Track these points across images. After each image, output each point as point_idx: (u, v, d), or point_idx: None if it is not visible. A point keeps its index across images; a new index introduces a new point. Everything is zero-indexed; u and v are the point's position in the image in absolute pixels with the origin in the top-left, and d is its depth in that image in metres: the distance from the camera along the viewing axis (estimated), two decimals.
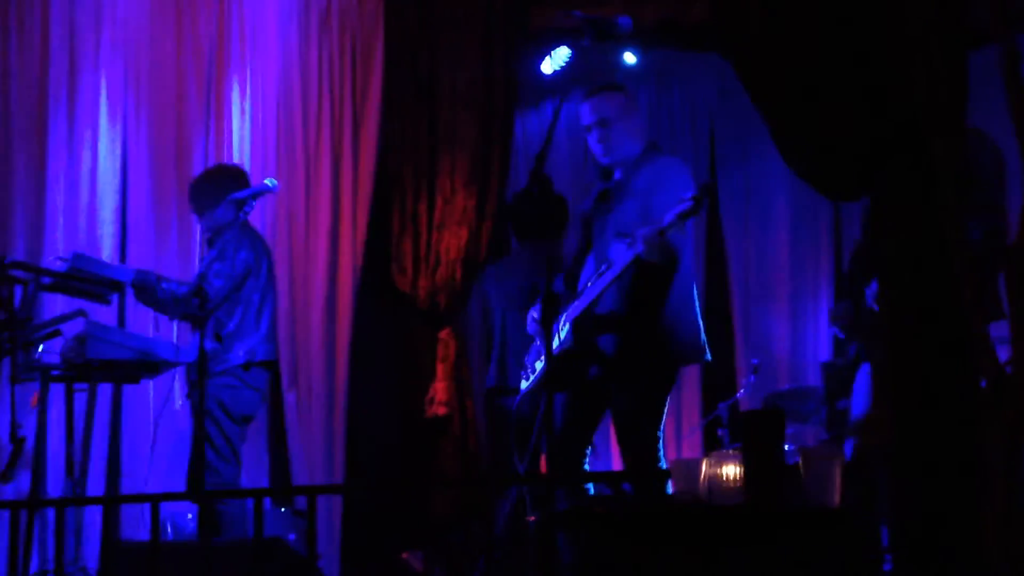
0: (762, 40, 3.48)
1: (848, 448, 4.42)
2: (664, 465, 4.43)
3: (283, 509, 5.43)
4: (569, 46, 6.74)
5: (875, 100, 3.25)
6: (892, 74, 3.23)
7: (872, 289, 4.51)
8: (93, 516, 5.29)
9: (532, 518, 4.70)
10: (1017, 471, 3.02)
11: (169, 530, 5.28)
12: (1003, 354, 3.07)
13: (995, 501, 2.91)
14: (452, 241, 6.83)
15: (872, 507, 3.05)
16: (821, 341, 7.69)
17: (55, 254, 5.60)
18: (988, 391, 3.01)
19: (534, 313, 4.74)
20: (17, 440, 4.53)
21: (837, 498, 2.83)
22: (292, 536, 5.08)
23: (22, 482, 4.66)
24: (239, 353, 5.16)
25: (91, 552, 5.16)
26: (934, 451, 2.98)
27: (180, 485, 5.43)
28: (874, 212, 3.21)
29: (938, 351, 3.05)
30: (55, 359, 4.89)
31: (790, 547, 2.75)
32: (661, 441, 4.45)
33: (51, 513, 4.72)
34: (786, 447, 3.26)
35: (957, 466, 2.94)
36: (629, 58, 7.43)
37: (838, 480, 2.85)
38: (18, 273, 4.82)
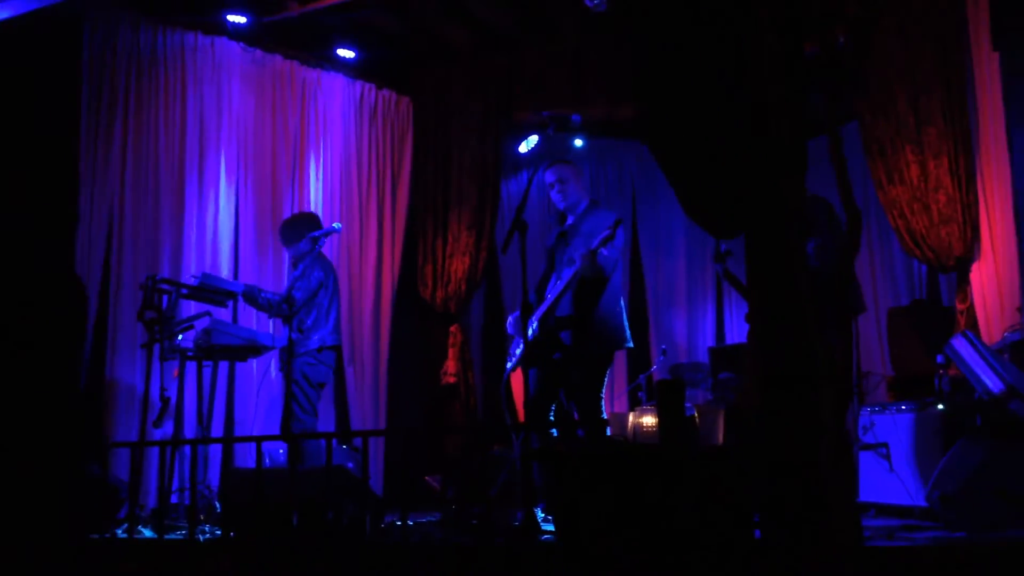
0: (665, 133, 3.50)
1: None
2: (605, 417, 4.42)
3: (344, 446, 5.40)
4: (538, 134, 6.75)
5: (743, 174, 3.27)
6: (754, 157, 3.26)
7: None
8: (215, 451, 5.24)
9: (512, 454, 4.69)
10: (841, 425, 3.04)
11: (268, 460, 5.24)
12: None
13: (827, 446, 2.92)
14: (458, 266, 6.82)
15: (744, 447, 3.05)
16: (707, 331, 7.72)
17: (190, 273, 5.56)
18: (822, 368, 3.03)
19: (510, 319, 4.74)
20: (164, 399, 4.49)
21: (721, 439, 2.84)
22: (351, 464, 5.04)
23: (167, 428, 4.60)
24: (315, 340, 5.11)
25: (214, 476, 5.11)
26: (785, 409, 2.99)
27: (275, 429, 5.41)
28: (747, 242, 3.23)
29: (786, 336, 3.06)
30: (189, 345, 4.85)
31: (691, 472, 2.76)
32: (602, 401, 4.46)
33: (187, 449, 4.67)
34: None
35: (801, 420, 2.95)
36: (578, 143, 7.45)
37: (721, 427, 2.86)
38: (165, 286, 4.77)
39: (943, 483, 3.52)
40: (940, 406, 4.06)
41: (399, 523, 4.13)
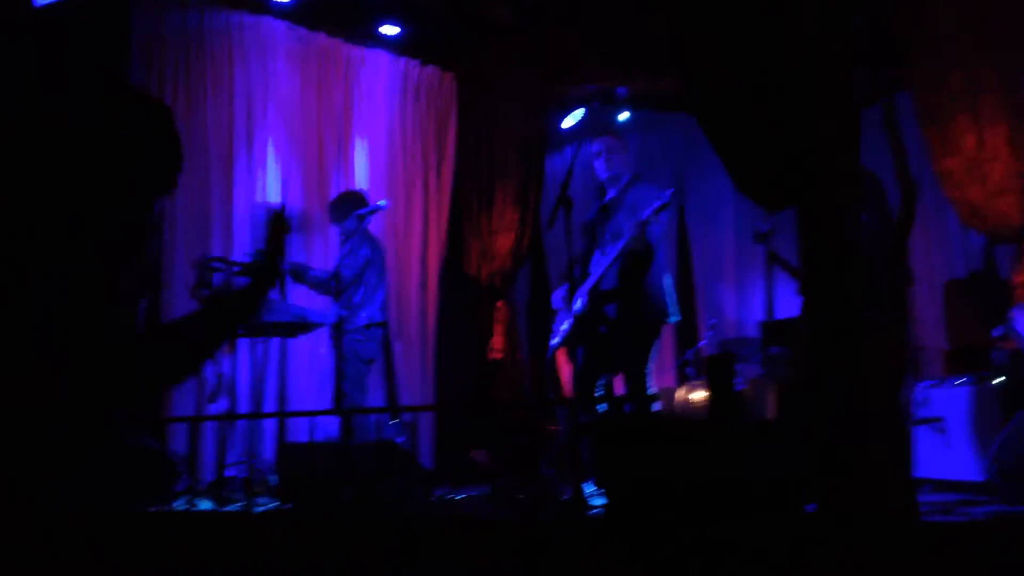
0: (714, 105, 3.48)
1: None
2: (652, 391, 4.43)
3: (394, 421, 5.47)
4: (582, 108, 6.71)
5: (795, 143, 3.24)
6: (807, 124, 3.22)
7: None
8: (269, 425, 5.35)
9: (560, 428, 4.72)
10: (895, 399, 3.02)
11: (319, 435, 5.33)
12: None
13: (879, 420, 2.91)
14: (504, 242, 6.84)
15: (796, 421, 3.05)
16: (757, 305, 7.65)
17: (241, 251, 5.66)
18: (874, 342, 3.01)
19: (556, 294, 4.76)
20: (219, 375, 4.58)
21: (772, 413, 2.84)
22: (401, 439, 5.11)
23: (222, 403, 4.70)
24: (363, 317, 5.17)
25: (268, 450, 5.21)
26: (837, 382, 2.98)
27: (326, 404, 5.50)
28: (799, 216, 3.21)
29: (839, 311, 3.05)
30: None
31: (741, 446, 2.76)
32: (649, 377, 4.46)
33: (242, 424, 4.77)
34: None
35: (853, 394, 2.94)
36: (623, 116, 7.40)
37: (773, 401, 2.86)
38: (217, 264, 4.86)
39: (1002, 456, 3.48)
40: (998, 379, 4.01)
41: (448, 497, 4.21)
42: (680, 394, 3.48)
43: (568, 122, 6.79)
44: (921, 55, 5.35)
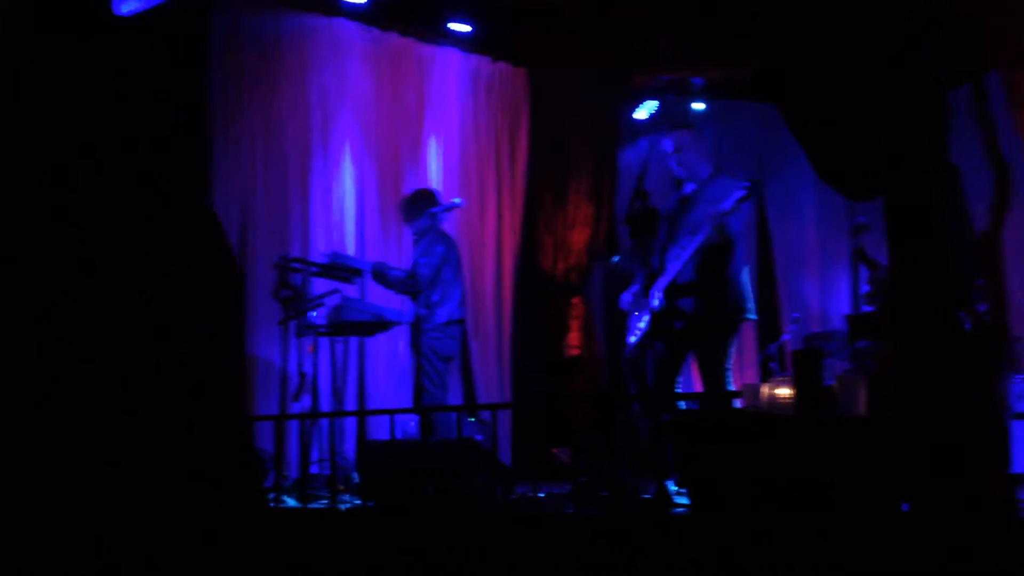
0: (794, 92, 3.41)
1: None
2: (733, 388, 4.38)
3: (472, 419, 5.53)
4: (657, 100, 6.66)
5: (880, 128, 3.16)
6: (893, 108, 3.14)
7: None
8: (350, 423, 5.44)
9: (644, 425, 4.69)
10: (991, 393, 2.93)
11: (400, 433, 5.42)
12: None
13: (974, 415, 2.82)
14: (579, 237, 6.84)
15: (887, 416, 2.97)
16: (843, 298, 7.49)
17: (318, 251, 5.75)
18: (968, 335, 2.92)
19: (626, 295, 4.72)
20: (302, 374, 4.68)
21: (863, 409, 2.78)
22: (479, 437, 5.15)
23: (305, 402, 4.81)
24: (441, 315, 5.22)
25: (349, 447, 5.31)
26: (931, 377, 2.90)
27: (406, 402, 5.57)
28: (886, 205, 3.14)
29: (932, 303, 2.97)
30: (322, 321, 4.99)
31: (830, 442, 2.72)
32: (729, 372, 4.41)
33: (324, 422, 4.87)
34: None
35: (946, 388, 2.86)
36: (698, 106, 7.32)
37: (863, 397, 2.80)
38: (297, 265, 4.97)
39: None
40: None
41: (530, 494, 4.23)
42: (764, 390, 3.42)
43: (642, 113, 6.76)
44: (1014, 29, 5.16)
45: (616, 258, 5.84)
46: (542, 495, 4.31)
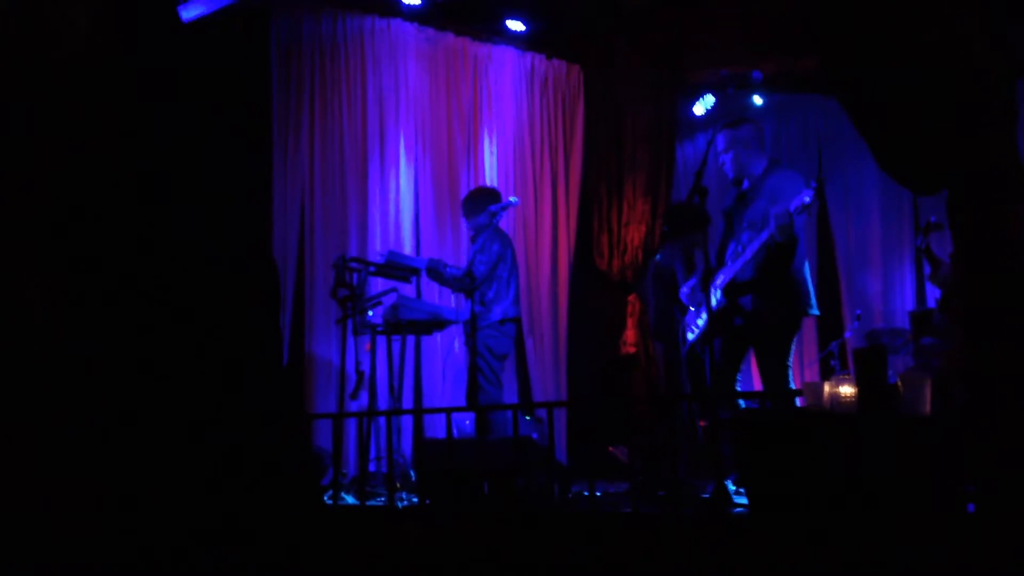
0: (857, 83, 3.35)
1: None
2: (793, 386, 4.32)
3: (528, 417, 5.53)
4: (714, 94, 6.59)
5: (947, 120, 3.09)
6: (960, 100, 3.06)
7: None
8: (407, 421, 5.49)
9: (702, 423, 4.66)
10: None
11: (456, 431, 5.45)
12: None
13: None
14: (635, 234, 6.78)
15: (952, 415, 2.91)
16: (907, 294, 7.33)
17: (376, 250, 5.82)
18: None
19: (685, 289, 4.70)
20: (359, 373, 4.73)
21: (928, 408, 2.72)
22: (535, 435, 5.16)
23: (362, 400, 4.86)
24: (497, 313, 5.25)
25: (406, 445, 5.35)
26: (998, 375, 2.83)
27: (461, 400, 5.60)
28: (950, 199, 3.06)
29: (1000, 300, 2.90)
30: (379, 320, 5.04)
31: (894, 442, 2.66)
32: (790, 371, 4.35)
33: (382, 420, 4.92)
34: None
35: (1013, 386, 2.79)
36: (757, 100, 7.22)
37: (928, 395, 2.74)
38: (354, 265, 5.02)
39: None
40: None
41: (586, 493, 4.22)
42: (826, 388, 3.36)
43: (699, 109, 6.69)
44: None
45: (658, 256, 5.79)
46: (598, 494, 4.29)
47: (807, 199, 4.00)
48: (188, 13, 4.87)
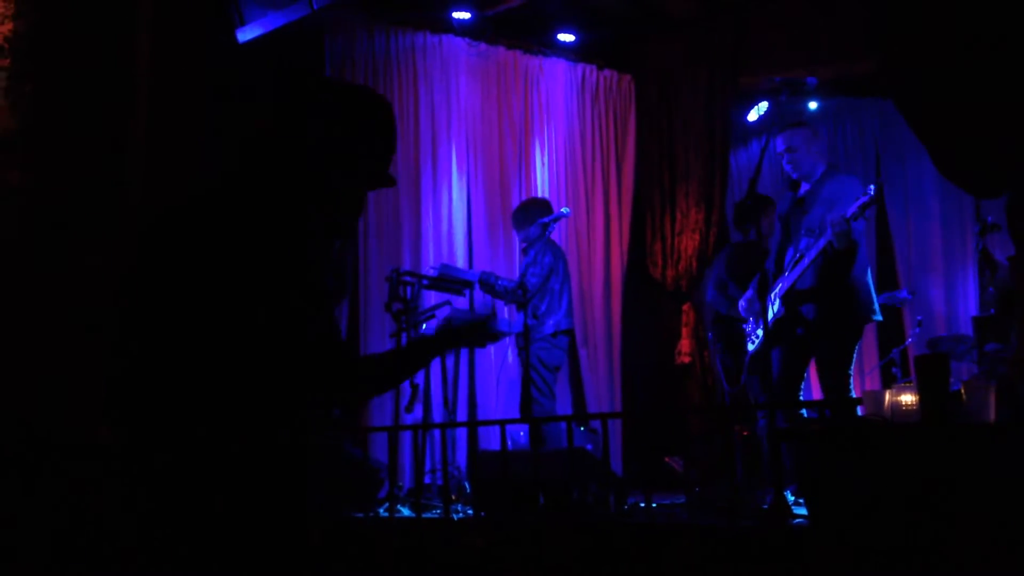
0: (914, 86, 3.29)
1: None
2: (854, 395, 4.24)
3: (582, 428, 5.52)
4: (768, 101, 6.51)
5: (1007, 122, 3.02)
6: (1020, 102, 3.00)
7: None
8: (461, 434, 5.51)
9: (745, 432, 4.59)
10: None
11: (510, 443, 5.46)
12: None
13: None
14: (688, 243, 6.75)
15: (1018, 422, 2.83)
16: (970, 300, 7.15)
17: (429, 264, 5.88)
18: None
19: (742, 302, 4.65)
20: (414, 386, 4.77)
21: (993, 416, 2.65)
22: (590, 446, 5.15)
23: (417, 412, 4.89)
24: (549, 325, 5.25)
25: (461, 457, 5.38)
26: None
27: (514, 412, 5.60)
28: (1011, 201, 3.00)
29: None
30: (432, 333, 5.10)
31: (959, 452, 2.60)
32: (851, 379, 4.28)
33: (436, 432, 4.95)
34: None
35: None
36: (812, 105, 7.14)
37: (993, 403, 2.67)
38: (408, 278, 5.06)
39: None
40: None
41: (642, 504, 4.19)
42: (887, 397, 3.29)
43: (753, 115, 6.61)
44: None
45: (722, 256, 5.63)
46: (654, 505, 4.27)
47: (865, 199, 3.94)
48: (245, 36, 4.98)
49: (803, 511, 3.65)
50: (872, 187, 4.06)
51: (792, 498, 3.92)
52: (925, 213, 7.38)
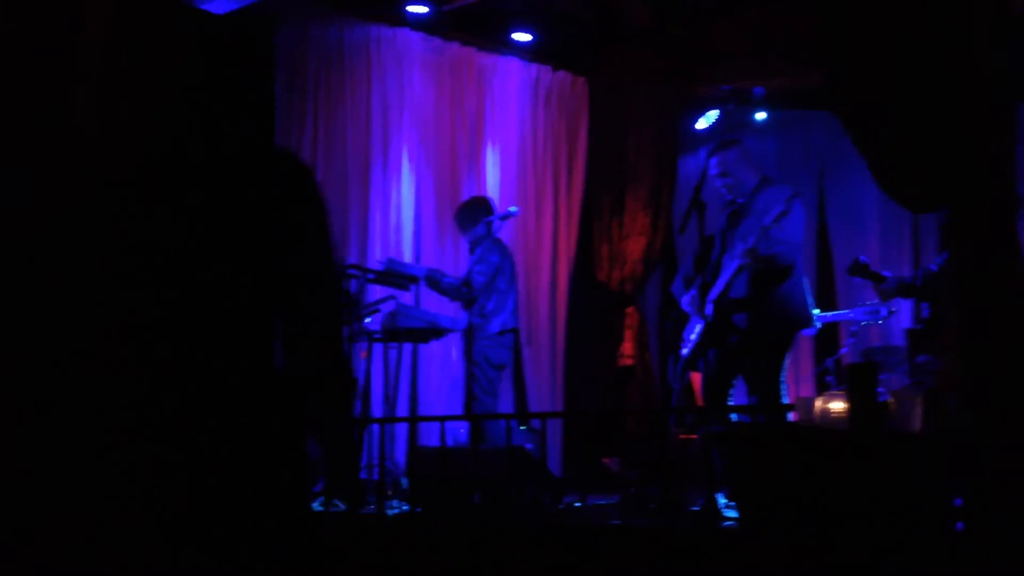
0: (862, 101, 3.35)
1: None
2: (786, 401, 4.30)
3: (523, 427, 5.52)
4: (718, 109, 6.58)
5: (943, 140, 3.09)
6: (958, 123, 3.07)
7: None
8: (401, 429, 5.48)
9: (691, 436, 4.64)
10: None
11: (450, 440, 5.43)
12: None
13: None
14: (635, 247, 6.79)
15: (944, 434, 2.89)
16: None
17: (375, 258, 5.82)
18: None
19: (687, 297, 4.71)
20: (352, 380, 4.72)
21: (919, 425, 2.71)
22: (530, 445, 5.14)
23: (356, 407, 4.84)
24: (495, 324, 5.23)
25: (400, 453, 5.34)
26: (992, 393, 2.81)
27: (457, 409, 5.59)
28: (948, 217, 3.07)
29: (996, 316, 2.89)
30: (376, 327, 5.02)
31: (882, 458, 2.65)
32: (783, 385, 4.33)
33: (376, 427, 4.91)
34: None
35: (1008, 405, 2.77)
36: (760, 115, 7.23)
37: (920, 413, 2.73)
38: (353, 272, 5.01)
39: None
40: None
41: (578, 504, 4.20)
42: (818, 404, 3.36)
43: (702, 124, 6.68)
44: None
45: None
46: (590, 505, 4.28)
47: (779, 209, 4.03)
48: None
49: (734, 514, 3.69)
50: (787, 194, 4.15)
51: (724, 501, 3.96)
52: (864, 226, 7.51)
